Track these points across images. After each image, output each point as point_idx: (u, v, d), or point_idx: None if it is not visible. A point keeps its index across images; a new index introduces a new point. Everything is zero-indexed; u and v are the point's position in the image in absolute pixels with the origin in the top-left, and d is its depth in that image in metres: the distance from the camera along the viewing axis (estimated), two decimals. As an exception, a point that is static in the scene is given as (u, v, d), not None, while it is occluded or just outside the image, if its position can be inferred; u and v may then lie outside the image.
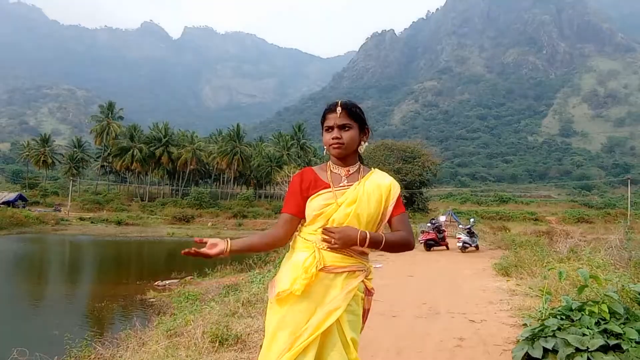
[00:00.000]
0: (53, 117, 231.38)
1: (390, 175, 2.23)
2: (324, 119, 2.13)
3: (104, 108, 74.75)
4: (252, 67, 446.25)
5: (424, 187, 50.07)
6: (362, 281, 2.08)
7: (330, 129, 2.11)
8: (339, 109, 2.09)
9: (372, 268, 2.16)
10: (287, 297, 2.00)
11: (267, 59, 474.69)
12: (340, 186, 2.10)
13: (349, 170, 2.15)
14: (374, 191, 2.09)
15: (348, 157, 2.15)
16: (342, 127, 2.09)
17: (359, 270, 2.07)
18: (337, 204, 2.06)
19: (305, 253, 2.05)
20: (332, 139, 2.09)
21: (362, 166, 2.20)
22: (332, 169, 2.16)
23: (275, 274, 2.21)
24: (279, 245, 2.15)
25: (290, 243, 2.17)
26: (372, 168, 2.22)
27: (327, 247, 2.02)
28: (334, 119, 2.09)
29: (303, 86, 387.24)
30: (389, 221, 2.16)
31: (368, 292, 2.11)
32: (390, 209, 2.11)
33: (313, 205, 2.07)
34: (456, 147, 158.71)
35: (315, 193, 2.08)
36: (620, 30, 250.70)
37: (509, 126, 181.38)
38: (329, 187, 2.09)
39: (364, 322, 2.13)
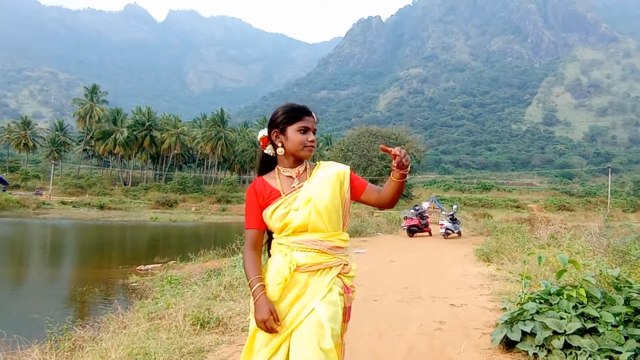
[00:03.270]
0: (34, 99, 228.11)
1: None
2: (298, 119, 2.10)
3: (87, 91, 73.71)
4: (237, 52, 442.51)
5: (408, 174, 50.06)
6: (340, 278, 2.07)
7: (306, 130, 2.10)
8: (314, 114, 2.15)
9: (352, 265, 2.13)
10: None
11: (253, 43, 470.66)
12: (292, 188, 2.10)
13: (299, 171, 2.15)
14: (324, 183, 2.09)
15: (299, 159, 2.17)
16: (314, 132, 2.14)
17: (335, 266, 2.06)
18: (293, 209, 2.06)
19: (278, 257, 2.07)
20: (310, 141, 2.10)
21: (307, 163, 2.20)
22: (282, 172, 2.15)
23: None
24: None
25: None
26: (318, 162, 2.23)
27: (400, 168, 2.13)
28: (312, 122, 2.12)
29: (288, 71, 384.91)
30: (365, 193, 2.15)
31: (347, 289, 2.09)
32: (348, 193, 2.12)
33: (274, 218, 2.07)
34: (440, 135, 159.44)
35: (270, 204, 2.09)
36: (605, 21, 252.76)
37: (493, 114, 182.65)
38: (280, 195, 2.09)
39: (346, 321, 2.10)
